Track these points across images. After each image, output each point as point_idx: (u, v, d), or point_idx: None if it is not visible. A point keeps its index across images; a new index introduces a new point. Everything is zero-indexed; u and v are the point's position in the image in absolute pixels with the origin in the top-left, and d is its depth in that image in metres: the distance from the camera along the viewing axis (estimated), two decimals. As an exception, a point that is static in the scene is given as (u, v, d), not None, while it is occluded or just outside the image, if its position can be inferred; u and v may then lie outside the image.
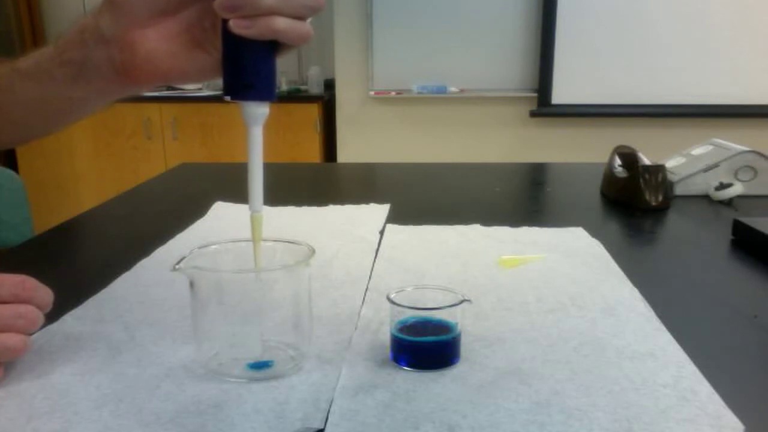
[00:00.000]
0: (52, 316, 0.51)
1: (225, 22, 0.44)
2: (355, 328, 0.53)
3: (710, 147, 1.07)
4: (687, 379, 0.45)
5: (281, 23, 0.44)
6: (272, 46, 0.46)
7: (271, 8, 0.43)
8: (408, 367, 0.46)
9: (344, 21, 3.18)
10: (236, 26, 0.43)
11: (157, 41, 0.48)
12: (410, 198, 1.04)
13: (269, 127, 0.47)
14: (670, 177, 1.00)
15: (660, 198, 0.94)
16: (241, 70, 0.45)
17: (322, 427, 0.39)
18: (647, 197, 0.93)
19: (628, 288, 0.62)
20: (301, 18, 0.45)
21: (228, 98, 0.46)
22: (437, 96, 3.21)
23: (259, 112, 0.46)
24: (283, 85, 3.41)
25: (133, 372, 0.46)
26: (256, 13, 0.43)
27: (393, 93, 3.20)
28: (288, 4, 0.44)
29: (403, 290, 0.49)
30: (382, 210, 0.92)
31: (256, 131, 0.47)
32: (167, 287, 0.62)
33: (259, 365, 0.45)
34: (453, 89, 3.20)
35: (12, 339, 0.44)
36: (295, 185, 1.20)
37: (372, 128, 3.29)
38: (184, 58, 0.49)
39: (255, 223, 0.47)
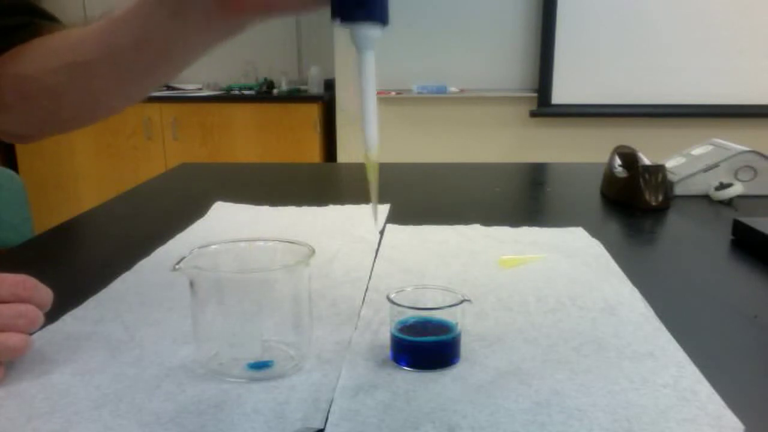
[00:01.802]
0: (52, 316, 0.51)
1: None
2: (355, 328, 0.53)
3: (710, 147, 1.07)
4: (687, 379, 0.45)
5: None
6: None
7: None
8: (408, 367, 0.46)
9: (344, 21, 3.17)
10: None
11: None
12: (410, 198, 1.04)
13: (269, 128, 0.46)
14: (670, 177, 1.00)
15: (660, 198, 0.94)
16: None
17: (322, 427, 0.39)
18: (647, 197, 0.93)
19: (628, 288, 0.62)
20: None
21: (338, 22, 0.43)
22: (437, 96, 3.21)
23: (371, 34, 0.43)
24: (283, 85, 3.41)
25: (133, 372, 0.46)
26: None
27: (393, 93, 3.20)
28: None
29: (403, 290, 0.49)
30: (382, 210, 0.91)
31: (369, 56, 0.43)
32: (167, 287, 0.62)
33: (259, 365, 0.45)
34: (453, 89, 3.20)
35: (12, 338, 0.44)
36: (295, 185, 1.20)
37: (372, 128, 3.29)
38: None
39: (369, 163, 0.44)
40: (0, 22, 0.60)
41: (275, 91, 3.38)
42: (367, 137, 0.44)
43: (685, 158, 1.08)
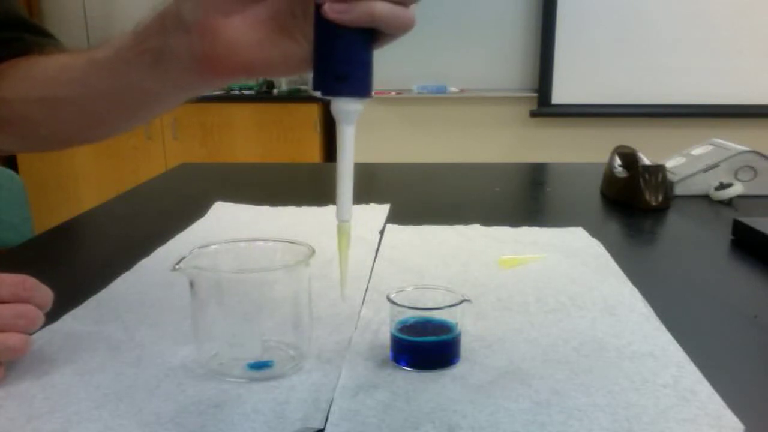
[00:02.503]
0: (52, 316, 0.51)
1: (318, 7, 0.40)
2: (355, 328, 0.53)
3: (710, 147, 1.07)
4: (687, 379, 0.45)
5: (382, 8, 0.40)
6: (369, 36, 0.41)
7: None
8: (408, 367, 0.46)
9: (344, 21, 3.17)
10: (331, 11, 0.39)
11: (242, 29, 0.43)
12: (410, 198, 1.04)
13: (269, 127, 0.46)
14: (670, 177, 1.00)
15: (660, 198, 0.94)
16: (334, 61, 0.41)
17: (322, 427, 0.39)
18: (647, 197, 0.93)
19: (628, 288, 0.62)
20: (403, 4, 0.41)
21: (318, 93, 0.42)
22: (437, 96, 3.21)
23: (352, 108, 0.42)
24: (283, 85, 3.41)
25: (133, 372, 0.46)
26: None
27: (393, 93, 3.20)
28: None
29: (403, 290, 0.49)
30: (382, 210, 0.91)
31: (348, 130, 0.42)
32: (167, 287, 0.62)
33: (259, 365, 0.45)
34: (453, 89, 3.20)
35: (12, 338, 0.44)
36: (295, 185, 1.20)
37: (372, 128, 3.29)
38: (270, 48, 0.44)
39: (341, 233, 0.43)
40: None
41: (275, 91, 3.38)
42: (340, 210, 0.43)
43: (685, 158, 1.08)
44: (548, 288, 0.62)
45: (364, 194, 1.00)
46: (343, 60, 0.41)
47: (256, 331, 0.46)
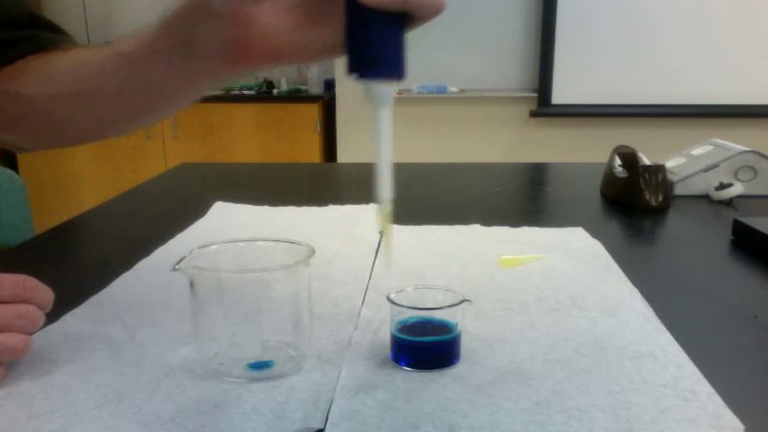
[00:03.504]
0: (52, 316, 0.51)
1: None
2: (355, 328, 0.53)
3: (710, 147, 1.07)
4: (687, 379, 0.45)
5: None
6: (401, 19, 0.42)
7: None
8: (408, 367, 0.46)
9: (344, 21, 3.17)
10: None
11: (272, 16, 0.43)
12: (410, 198, 1.04)
13: (269, 127, 0.46)
14: (670, 177, 1.00)
15: (660, 198, 0.94)
16: (368, 44, 0.41)
17: (322, 427, 0.39)
18: (647, 197, 0.93)
19: (628, 288, 0.62)
20: None
21: (354, 77, 0.42)
22: (437, 96, 3.21)
23: (387, 91, 0.43)
24: (283, 85, 3.41)
25: (133, 372, 0.46)
26: None
27: (393, 93, 3.19)
28: None
29: (403, 290, 0.49)
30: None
31: (384, 114, 0.43)
32: (167, 287, 0.62)
33: (259, 365, 0.45)
34: (453, 89, 3.20)
35: (13, 339, 0.44)
36: (295, 185, 1.20)
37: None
38: (300, 35, 0.44)
39: (383, 215, 0.44)
40: (3, 35, 0.59)
41: (275, 91, 3.39)
42: (381, 191, 0.45)
43: (685, 158, 1.08)
44: (548, 288, 0.62)
45: (364, 194, 1.00)
46: (377, 44, 0.41)
47: (256, 331, 0.46)
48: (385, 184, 0.44)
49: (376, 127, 0.43)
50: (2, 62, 0.59)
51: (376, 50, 0.42)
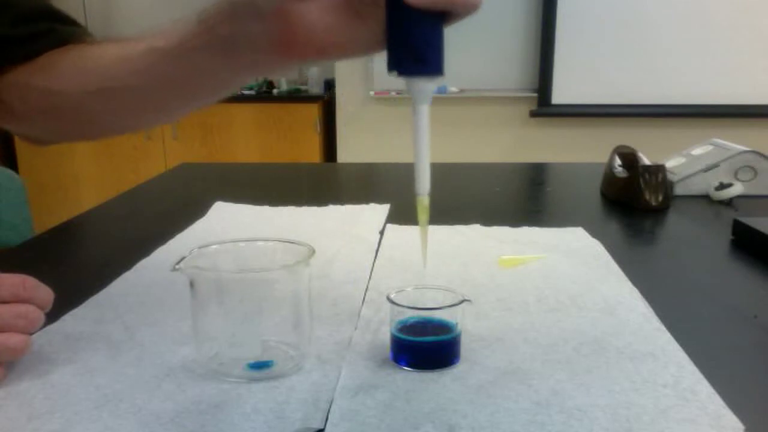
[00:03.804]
0: (52, 316, 0.51)
1: None
2: (355, 328, 0.53)
3: (710, 147, 1.07)
4: (687, 379, 0.45)
5: None
6: (441, 17, 0.43)
7: None
8: (408, 367, 0.46)
9: (344, 21, 3.17)
10: None
11: (317, 13, 0.45)
12: (410, 198, 1.04)
13: (269, 128, 0.46)
14: (670, 177, 1.00)
15: (660, 198, 0.94)
16: (411, 43, 0.42)
17: (322, 427, 0.39)
18: (647, 197, 0.93)
19: (628, 288, 0.62)
20: None
21: (395, 73, 0.43)
22: (437, 96, 3.20)
23: (428, 88, 0.44)
24: (283, 85, 3.41)
25: (133, 372, 0.46)
26: None
27: (393, 93, 3.20)
28: None
29: (403, 290, 0.49)
30: (382, 210, 0.92)
31: (424, 109, 0.44)
32: (167, 287, 0.62)
33: (259, 365, 0.45)
34: (453, 89, 3.20)
35: (13, 339, 0.44)
36: (295, 185, 1.20)
37: (372, 128, 3.29)
38: (343, 31, 0.45)
39: (421, 206, 0.45)
40: (23, 29, 0.59)
41: (275, 90, 3.38)
42: (419, 184, 0.46)
43: (685, 158, 1.08)
44: (548, 288, 0.62)
45: (364, 194, 1.00)
46: (419, 42, 0.42)
47: (256, 331, 0.46)
48: (424, 177, 0.45)
49: (416, 122, 0.45)
50: (23, 57, 0.59)
51: (418, 48, 0.43)
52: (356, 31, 0.46)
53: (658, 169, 0.95)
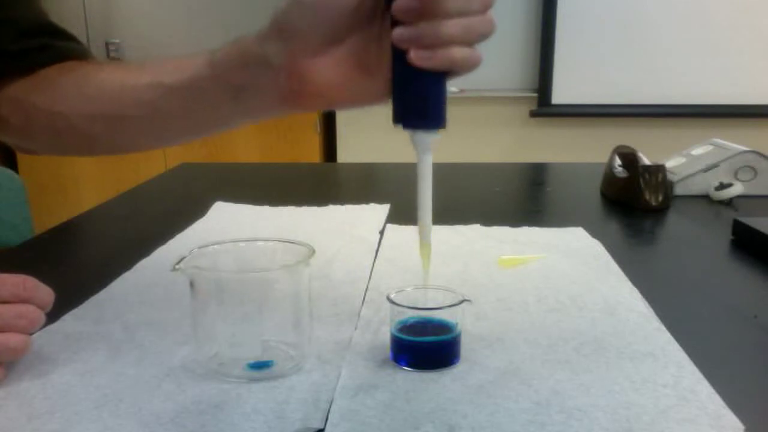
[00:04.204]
0: (52, 316, 0.51)
1: (397, 50, 0.43)
2: (355, 328, 0.53)
3: (710, 147, 1.07)
4: (687, 379, 0.45)
5: (460, 53, 0.43)
6: (444, 74, 0.45)
7: (451, 38, 0.42)
8: (408, 367, 0.46)
9: (344, 21, 3.17)
10: (417, 58, 0.42)
11: (326, 69, 0.47)
12: (410, 198, 1.04)
13: (269, 128, 0.46)
14: (670, 177, 1.00)
15: (660, 198, 0.94)
16: (415, 99, 0.45)
17: (322, 427, 0.39)
18: (647, 197, 0.93)
19: (628, 288, 0.62)
20: (473, 46, 0.45)
21: (400, 126, 0.46)
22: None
23: (431, 139, 0.46)
24: (283, 85, 3.40)
25: (133, 372, 0.46)
26: (435, 44, 0.42)
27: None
28: (466, 33, 0.43)
29: (403, 290, 0.49)
30: (382, 210, 0.92)
31: (427, 159, 0.47)
32: (167, 287, 0.62)
33: (259, 365, 0.45)
34: (453, 89, 3.20)
35: (13, 339, 0.44)
36: (295, 185, 1.20)
37: (372, 128, 3.29)
38: (351, 85, 0.48)
39: (424, 252, 0.47)
40: (21, 44, 0.59)
41: (275, 91, 3.38)
42: (422, 229, 0.47)
43: (685, 158, 1.08)
44: (548, 288, 0.62)
45: (364, 194, 1.00)
46: (423, 98, 0.45)
47: (256, 331, 0.46)
48: (427, 223, 0.47)
49: (420, 170, 0.47)
50: (21, 71, 0.59)
51: (422, 104, 0.45)
52: (363, 85, 0.48)
53: (658, 169, 0.95)
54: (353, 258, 0.71)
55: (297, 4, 0.46)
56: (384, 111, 0.47)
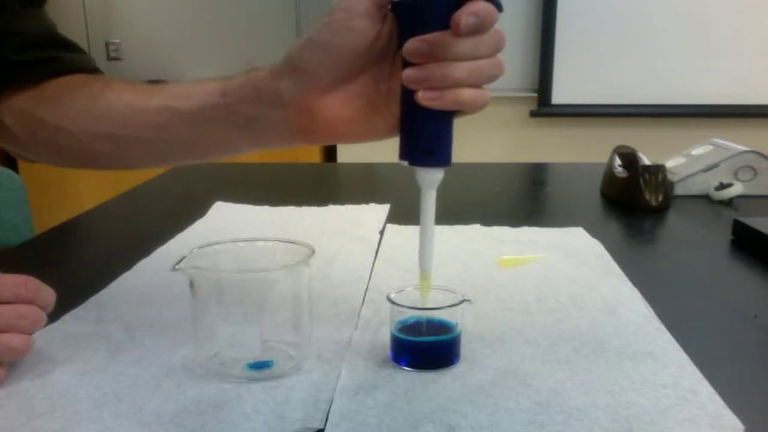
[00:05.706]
0: (53, 316, 0.51)
1: (406, 90, 0.44)
2: (355, 328, 0.53)
3: (710, 147, 1.07)
4: (687, 379, 0.45)
5: (467, 95, 0.44)
6: (452, 114, 0.46)
7: (458, 80, 0.43)
8: (408, 367, 0.46)
9: (344, 21, 3.17)
10: (425, 98, 0.43)
11: (336, 106, 0.48)
12: (410, 198, 1.04)
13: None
14: (670, 177, 1.00)
15: (660, 198, 0.94)
16: (422, 138, 0.46)
17: (322, 427, 0.39)
18: (647, 197, 0.93)
19: (628, 288, 0.62)
20: (480, 87, 0.46)
21: (405, 163, 0.46)
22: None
23: (436, 177, 0.47)
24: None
25: (133, 372, 0.46)
26: (443, 86, 0.43)
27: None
28: (474, 75, 0.44)
29: (403, 290, 0.49)
30: (382, 210, 0.92)
31: (431, 195, 0.48)
32: (167, 287, 0.62)
33: (259, 365, 0.45)
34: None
35: (14, 339, 0.44)
36: (295, 185, 1.20)
37: (372, 128, 3.29)
38: (360, 122, 0.49)
39: (423, 281, 0.48)
40: (27, 55, 0.59)
41: (275, 91, 3.38)
42: (422, 261, 0.48)
43: (685, 158, 1.08)
44: (548, 288, 0.62)
45: (364, 194, 1.00)
46: (430, 137, 0.46)
47: (256, 331, 0.46)
48: (428, 255, 0.48)
49: (423, 206, 0.48)
50: (26, 82, 0.59)
51: (429, 143, 0.46)
52: (372, 122, 0.49)
53: (658, 169, 0.95)
54: (353, 258, 0.71)
55: (311, 42, 0.47)
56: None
